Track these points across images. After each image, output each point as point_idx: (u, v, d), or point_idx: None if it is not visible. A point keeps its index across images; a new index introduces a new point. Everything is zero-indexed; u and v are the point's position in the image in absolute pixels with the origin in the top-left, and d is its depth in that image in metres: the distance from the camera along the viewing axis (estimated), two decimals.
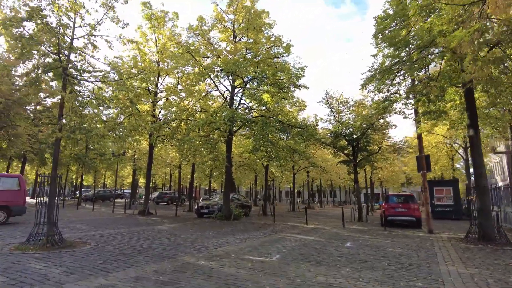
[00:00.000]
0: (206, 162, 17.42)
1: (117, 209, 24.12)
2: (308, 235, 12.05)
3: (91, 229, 12.01)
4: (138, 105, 21.00)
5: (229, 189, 17.54)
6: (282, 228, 13.93)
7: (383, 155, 22.00)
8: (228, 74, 15.92)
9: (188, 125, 17.80)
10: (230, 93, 17.52)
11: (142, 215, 18.85)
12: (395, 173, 37.39)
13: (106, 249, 7.97)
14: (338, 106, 20.87)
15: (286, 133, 16.83)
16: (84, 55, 9.54)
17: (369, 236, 11.95)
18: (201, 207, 18.68)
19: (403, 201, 16.24)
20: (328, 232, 13.17)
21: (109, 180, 56.99)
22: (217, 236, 10.93)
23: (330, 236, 11.84)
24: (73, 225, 13.13)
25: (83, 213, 19.55)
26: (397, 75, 12.87)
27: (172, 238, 10.27)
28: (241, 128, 17.88)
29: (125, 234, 10.82)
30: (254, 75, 14.84)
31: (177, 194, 39.27)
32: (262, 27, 17.34)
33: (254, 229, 13.43)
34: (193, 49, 15.62)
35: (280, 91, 16.07)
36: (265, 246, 9.16)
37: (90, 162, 30.35)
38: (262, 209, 21.97)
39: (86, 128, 8.31)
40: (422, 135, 26.99)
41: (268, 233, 12.22)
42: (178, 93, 18.65)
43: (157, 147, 24.80)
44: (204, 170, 35.66)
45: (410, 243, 10.37)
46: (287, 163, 18.68)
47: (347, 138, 19.59)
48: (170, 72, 19.23)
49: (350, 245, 9.71)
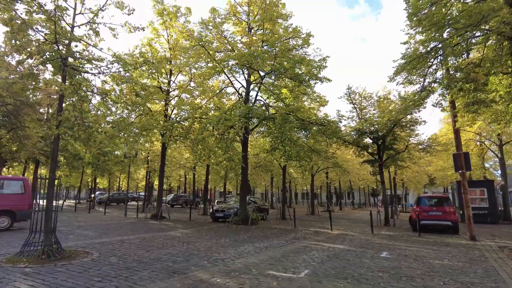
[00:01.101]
0: (220, 162, 16.36)
1: (130, 212, 23.38)
2: (336, 243, 10.78)
3: (98, 235, 11.10)
4: (150, 105, 20.25)
5: (246, 192, 16.42)
6: (304, 235, 12.69)
7: (410, 154, 20.41)
8: (243, 67, 14.82)
9: (201, 124, 16.83)
10: (246, 89, 16.42)
11: (155, 219, 17.95)
12: (418, 174, 35.41)
13: (108, 262, 6.97)
14: (361, 101, 19.46)
15: (306, 131, 15.57)
16: (87, 46, 8.64)
17: (404, 244, 10.58)
18: (216, 211, 17.63)
19: (437, 204, 14.72)
20: (357, 239, 11.85)
21: (124, 183, 56.83)
22: (234, 244, 9.81)
23: (361, 244, 10.54)
24: (80, 231, 12.28)
25: (94, 217, 18.82)
26: (433, 62, 11.50)
27: (184, 246, 9.21)
28: (257, 126, 16.74)
29: (133, 242, 9.84)
30: (272, 67, 13.66)
31: (192, 196, 38.45)
32: (278, 18, 16.21)
33: (274, 235, 12.25)
34: (206, 41, 14.59)
35: (300, 85, 14.84)
36: (289, 257, 7.97)
37: (104, 164, 29.91)
38: (280, 213, 20.75)
39: (86, 124, 7.35)
40: (450, 132, 25.33)
41: (290, 240, 11.01)
42: (191, 91, 17.71)
43: (170, 148, 23.98)
44: (218, 172, 34.79)
45: (456, 253, 8.97)
46: (308, 163, 17.42)
47: (372, 136, 18.16)
48: (182, 69, 18.34)
49: (387, 256, 8.41)
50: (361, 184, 50.35)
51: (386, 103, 18.35)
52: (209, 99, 17.31)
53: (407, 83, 13.87)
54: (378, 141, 18.59)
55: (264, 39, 15.32)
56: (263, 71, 14.62)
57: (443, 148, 21.91)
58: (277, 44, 15.34)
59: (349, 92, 19.13)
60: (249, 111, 13.73)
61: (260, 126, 19.02)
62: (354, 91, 19.26)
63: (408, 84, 13.85)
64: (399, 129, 18.60)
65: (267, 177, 40.42)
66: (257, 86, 16.78)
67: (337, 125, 15.88)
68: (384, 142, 18.50)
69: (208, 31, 15.86)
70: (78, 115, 7.48)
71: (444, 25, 9.46)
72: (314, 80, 14.51)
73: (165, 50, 19.14)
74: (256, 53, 13.10)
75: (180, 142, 21.05)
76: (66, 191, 69.30)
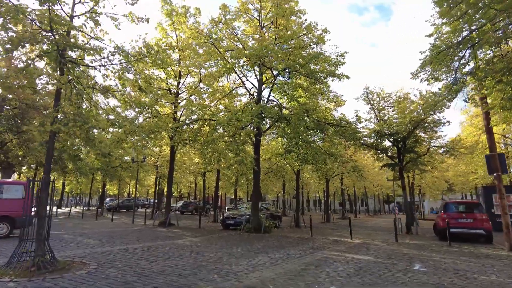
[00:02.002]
0: (231, 166, 15.50)
1: (138, 219, 22.70)
2: (359, 253, 9.73)
3: (100, 244, 10.31)
4: (159, 108, 19.63)
5: (258, 197, 15.47)
6: (323, 244, 11.65)
7: (431, 157, 19.20)
8: (255, 65, 13.99)
9: (211, 126, 16.07)
10: (257, 90, 15.58)
11: (163, 226, 17.14)
12: (437, 179, 33.81)
13: (105, 275, 6.13)
14: (379, 102, 18.42)
15: (323, 132, 14.58)
16: (87, 37, 7.97)
17: (436, 255, 9.46)
18: (227, 218, 16.72)
19: (467, 210, 13.50)
20: (381, 249, 10.76)
21: (134, 189, 56.51)
22: (247, 254, 8.87)
23: (387, 254, 9.47)
24: (83, 238, 11.53)
25: (100, 225, 18.13)
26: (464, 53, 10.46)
27: (192, 257, 8.33)
28: (270, 128, 15.83)
29: (137, 252, 9.01)
30: (286, 64, 12.77)
31: (202, 203, 37.63)
32: (292, 15, 15.40)
33: (290, 245, 11.26)
34: (216, 39, 13.86)
35: (316, 82, 13.90)
36: (310, 270, 7.00)
37: (112, 170, 29.43)
38: (294, 220, 19.69)
39: (81, 120, 6.59)
40: (471, 134, 23.95)
41: (308, 250, 10.01)
42: (200, 92, 16.99)
43: (179, 153, 23.29)
44: (229, 178, 33.91)
45: (501, 267, 7.83)
46: (325, 166, 16.40)
47: (392, 138, 17.05)
48: (192, 70, 17.70)
49: (422, 269, 7.35)
50: (376, 190, 48.78)
51: (406, 103, 17.24)
52: (219, 100, 16.54)
53: (432, 80, 12.85)
54: (398, 144, 17.49)
55: (277, 36, 14.47)
56: (276, 69, 13.75)
57: (469, 151, 20.58)
58: (291, 42, 14.46)
59: (367, 92, 18.13)
60: (261, 110, 12.88)
61: (273, 128, 18.15)
62: (372, 91, 18.26)
63: (433, 80, 12.84)
64: (421, 131, 17.49)
65: (279, 183, 39.35)
66: (269, 86, 15.93)
67: (356, 126, 14.86)
68: (405, 145, 17.39)
69: (219, 29, 15.15)
70: (74, 110, 6.73)
71: (480, 8, 8.44)
72: (331, 77, 13.56)
73: (173, 51, 18.54)
74: (268, 48, 12.26)
75: (190, 146, 20.33)
76: (77, 198, 69.46)
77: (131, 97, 8.91)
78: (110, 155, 18.85)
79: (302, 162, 14.84)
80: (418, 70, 13.15)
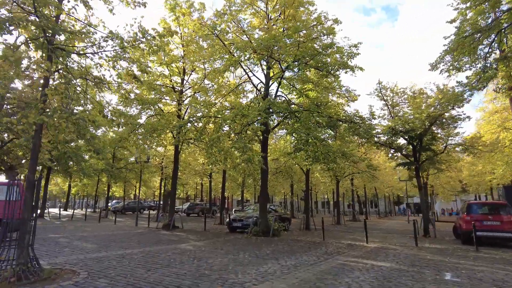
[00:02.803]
0: (238, 165, 14.70)
1: (142, 221, 22.08)
2: (378, 259, 8.83)
3: (97, 249, 9.59)
4: (163, 106, 18.96)
5: (266, 198, 14.64)
6: (337, 249, 10.77)
7: (449, 156, 18.15)
8: (262, 58, 13.16)
9: (216, 124, 15.33)
10: (265, 85, 14.76)
11: (167, 229, 16.42)
12: (452, 179, 32.53)
13: (94, 286, 5.37)
14: (392, 98, 17.47)
15: (335, 129, 13.68)
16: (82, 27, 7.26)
17: (466, 262, 8.52)
18: (233, 220, 15.91)
19: (493, 212, 12.48)
20: (402, 254, 9.84)
21: (141, 191, 56.09)
22: (255, 261, 8.05)
23: (410, 261, 8.56)
24: (80, 243, 10.82)
25: (102, 227, 17.47)
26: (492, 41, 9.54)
27: (194, 264, 7.54)
28: (278, 126, 14.99)
29: (135, 257, 8.25)
30: (295, 56, 11.91)
31: (208, 205, 36.92)
32: (300, 6, 14.58)
33: (302, 250, 10.40)
34: (220, 31, 13.11)
35: (329, 75, 13.01)
36: (327, 280, 6.15)
37: (118, 171, 28.89)
38: (303, 223, 18.81)
39: (67, 111, 5.86)
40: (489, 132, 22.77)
41: (322, 256, 9.14)
42: (205, 89, 16.24)
43: (184, 153, 22.61)
44: (236, 179, 33.14)
45: None
46: (337, 166, 15.49)
47: (407, 135, 16.07)
48: (196, 65, 16.99)
49: (455, 279, 6.45)
50: (387, 191, 47.55)
51: (422, 98, 16.26)
52: (225, 96, 15.79)
53: (452, 71, 11.95)
54: (413, 141, 16.52)
55: (285, 28, 13.62)
56: (285, 62, 12.89)
57: (489, 149, 19.46)
58: (300, 33, 13.55)
59: (380, 87, 17.20)
60: (270, 105, 12.06)
61: (281, 126, 17.33)
62: (385, 87, 17.32)
63: (454, 71, 11.93)
64: (438, 127, 16.50)
65: (286, 184, 38.42)
66: (277, 81, 15.10)
67: (371, 123, 13.94)
68: (421, 142, 16.41)
69: (223, 21, 14.39)
70: (60, 100, 6.01)
71: None
72: (343, 69, 12.68)
73: (177, 47, 17.88)
74: (277, 38, 11.45)
75: (194, 145, 19.61)
76: (84, 200, 69.35)
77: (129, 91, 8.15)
78: (104, 152, 18.12)
79: (313, 161, 13.96)
80: (438, 61, 12.29)
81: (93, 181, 37.50)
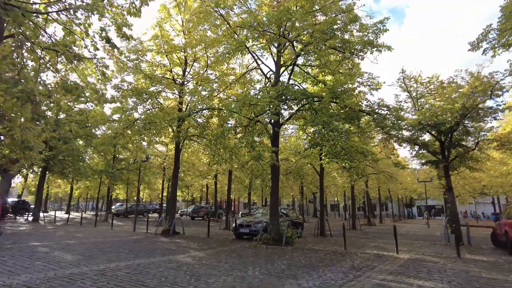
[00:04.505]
0: (246, 163, 12.97)
1: (143, 226, 20.50)
2: (421, 277, 7.03)
3: (76, 262, 7.95)
4: (163, 101, 17.41)
5: (276, 200, 12.89)
6: (365, 261, 8.98)
7: (482, 152, 16.21)
8: (272, 42, 11.44)
9: (220, 117, 13.72)
10: (275, 73, 13.05)
11: (166, 235, 14.77)
12: (475, 180, 30.36)
13: None
14: (416, 88, 15.64)
15: (358, 122, 11.84)
16: None
17: None
18: (240, 226, 14.19)
19: None
20: (448, 269, 8.02)
21: (145, 194, 54.65)
22: (268, 280, 6.33)
23: (464, 280, 6.74)
24: (59, 253, 9.20)
25: (96, 233, 15.90)
26: None
27: (191, 285, 5.86)
28: (291, 119, 13.23)
29: (117, 274, 6.60)
30: (312, 34, 10.16)
31: (214, 208, 35.26)
32: None
33: (323, 263, 8.64)
34: (225, 6, 11.45)
35: (351, 56, 11.24)
36: None
37: (118, 172, 27.40)
38: (317, 228, 17.01)
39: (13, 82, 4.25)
40: None
41: (351, 273, 7.38)
42: (208, 79, 14.61)
43: (186, 152, 21.02)
44: (243, 180, 31.45)
45: None
46: (360, 163, 13.66)
47: (435, 129, 14.22)
48: (198, 53, 15.41)
49: None
50: (400, 193, 45.39)
51: (454, 87, 14.38)
52: (229, 86, 14.14)
53: (498, 49, 10.18)
54: (442, 137, 14.68)
55: (298, 7, 11.83)
56: (300, 42, 11.14)
57: None
58: (316, 8, 11.59)
59: (403, 77, 15.40)
60: (283, 90, 10.36)
61: (292, 121, 15.61)
62: (409, 76, 15.51)
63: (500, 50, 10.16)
64: (470, 120, 14.61)
65: (296, 186, 36.61)
66: (288, 69, 13.37)
67: (400, 113, 12.12)
68: (451, 137, 14.56)
69: None
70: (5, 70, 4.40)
71: None
72: (369, 48, 10.93)
73: (178, 34, 16.34)
74: (290, 12, 9.75)
75: (197, 143, 18.00)
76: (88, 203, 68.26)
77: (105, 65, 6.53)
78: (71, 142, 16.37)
79: (333, 157, 12.16)
80: (480, 39, 10.53)
81: (96, 183, 36.17)
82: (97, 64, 6.21)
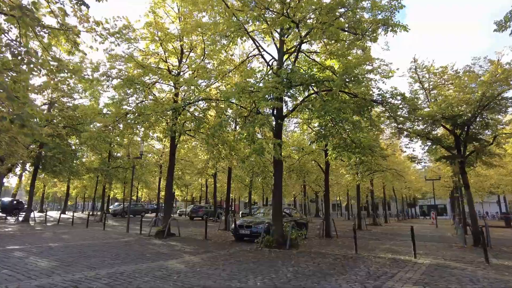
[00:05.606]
0: (246, 158, 11.87)
1: (138, 226, 19.39)
2: (451, 287, 5.95)
3: (50, 270, 6.88)
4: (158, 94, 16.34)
5: (280, 198, 11.80)
6: (381, 268, 7.89)
7: (500, 147, 15.12)
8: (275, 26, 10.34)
9: (217, 109, 12.66)
10: (278, 60, 11.94)
11: (160, 237, 13.69)
12: (487, 178, 29.17)
13: None
14: (429, 79, 14.55)
15: (369, 113, 10.74)
16: None
17: None
18: (240, 227, 13.11)
19: None
20: (480, 278, 6.92)
21: (143, 193, 53.65)
22: None
23: None
24: (35, 259, 8.13)
25: (85, 235, 14.83)
26: None
27: None
28: (295, 111, 12.12)
29: (94, 287, 5.53)
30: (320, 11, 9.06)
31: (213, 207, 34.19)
32: None
33: (333, 269, 7.55)
34: None
35: (363, 38, 10.11)
36: None
37: (113, 171, 26.34)
38: (323, 228, 15.93)
39: None
40: None
41: (368, 281, 6.30)
42: (204, 68, 13.51)
43: (183, 148, 19.93)
44: (243, 179, 30.42)
45: None
46: (371, 157, 12.59)
47: (451, 122, 13.11)
48: (195, 41, 14.36)
49: None
50: (404, 192, 44.25)
51: (471, 76, 13.28)
52: (227, 74, 13.07)
53: None
54: (458, 130, 13.60)
55: None
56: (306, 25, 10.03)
57: None
58: None
59: (415, 66, 14.30)
60: (287, 76, 9.28)
61: (296, 113, 14.54)
62: (421, 65, 14.41)
63: None
64: (488, 112, 13.53)
65: (298, 185, 35.54)
66: (292, 56, 12.28)
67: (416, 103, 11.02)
68: (468, 131, 13.47)
69: None
70: None
71: None
72: (384, 28, 9.84)
73: (173, 21, 15.26)
74: None
75: (194, 138, 16.91)
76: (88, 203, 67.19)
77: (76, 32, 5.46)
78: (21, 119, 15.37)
79: (343, 150, 11.04)
80: (509, 18, 9.41)
81: (92, 182, 35.11)
82: (67, 34, 5.15)
